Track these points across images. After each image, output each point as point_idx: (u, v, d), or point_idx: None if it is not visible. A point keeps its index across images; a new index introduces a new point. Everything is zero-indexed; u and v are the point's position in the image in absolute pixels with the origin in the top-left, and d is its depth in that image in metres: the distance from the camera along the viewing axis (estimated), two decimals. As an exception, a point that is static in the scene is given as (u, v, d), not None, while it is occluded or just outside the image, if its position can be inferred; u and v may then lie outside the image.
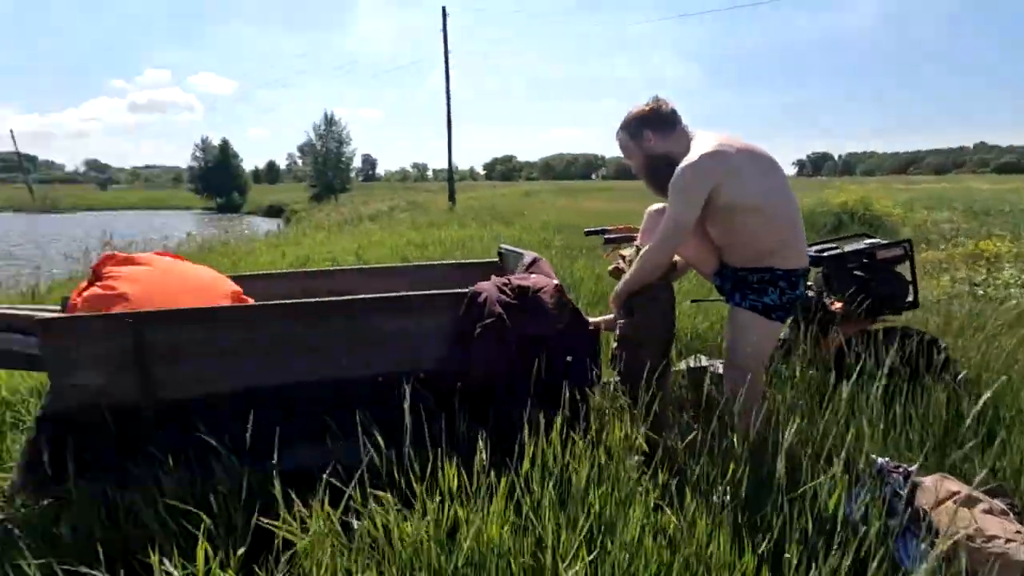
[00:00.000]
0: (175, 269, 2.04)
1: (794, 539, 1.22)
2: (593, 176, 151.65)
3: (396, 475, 1.31)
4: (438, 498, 1.29)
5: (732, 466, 1.37)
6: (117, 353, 1.58)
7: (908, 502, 1.51)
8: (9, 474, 1.81)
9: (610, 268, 2.44)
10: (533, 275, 1.96)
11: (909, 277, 2.60)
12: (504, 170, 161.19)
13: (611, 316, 2.20)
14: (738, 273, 2.02)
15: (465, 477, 1.33)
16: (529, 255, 2.28)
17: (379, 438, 1.36)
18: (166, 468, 1.49)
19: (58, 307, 1.97)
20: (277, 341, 1.70)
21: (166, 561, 1.15)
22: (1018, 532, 1.37)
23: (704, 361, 2.61)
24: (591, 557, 1.16)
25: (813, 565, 1.19)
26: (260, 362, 1.69)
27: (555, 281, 1.90)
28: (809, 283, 2.77)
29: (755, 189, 1.86)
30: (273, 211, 35.17)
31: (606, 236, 2.46)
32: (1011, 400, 2.19)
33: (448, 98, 22.13)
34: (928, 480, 1.55)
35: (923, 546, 1.42)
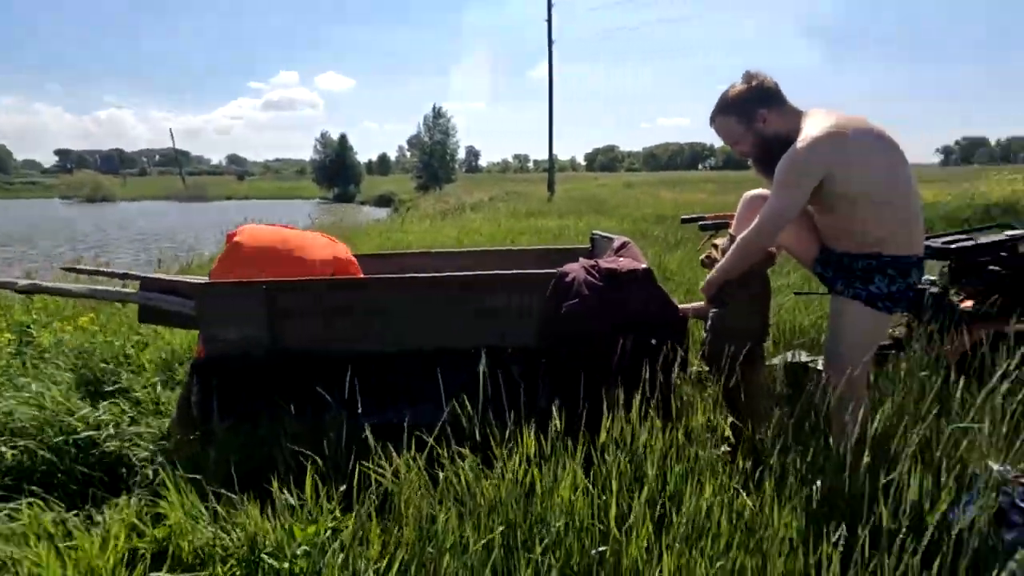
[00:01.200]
0: (286, 232, 2.35)
1: (882, 536, 1.17)
2: (700, 167, 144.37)
3: (477, 437, 1.42)
4: (518, 461, 1.39)
5: (811, 456, 1.33)
6: (253, 313, 1.85)
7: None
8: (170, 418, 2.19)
9: (702, 256, 2.39)
10: (622, 259, 1.99)
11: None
12: (605, 160, 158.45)
13: (702, 304, 2.17)
14: (842, 259, 1.89)
15: (544, 443, 1.41)
16: (619, 239, 2.30)
17: (467, 403, 1.48)
18: (289, 414, 1.73)
19: (205, 277, 2.33)
20: (382, 311, 1.90)
21: (284, 492, 1.35)
22: None
23: (803, 356, 2.48)
24: (653, 527, 1.19)
25: (900, 563, 1.14)
26: (369, 328, 1.90)
27: (644, 265, 1.91)
28: (934, 277, 2.53)
29: (873, 176, 1.72)
30: (383, 201, 37.38)
31: (701, 223, 2.41)
32: None
33: (551, 88, 22.19)
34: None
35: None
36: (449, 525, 1.17)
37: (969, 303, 2.40)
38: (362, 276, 2.18)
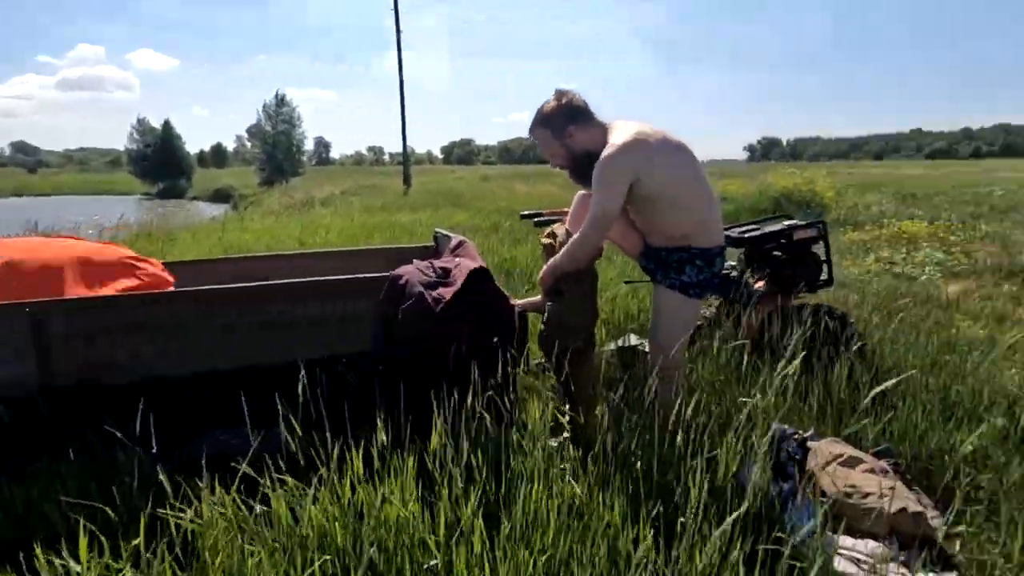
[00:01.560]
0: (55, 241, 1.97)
1: (690, 505, 1.29)
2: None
3: (302, 461, 1.31)
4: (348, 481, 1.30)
5: (636, 439, 1.43)
6: (15, 340, 1.51)
7: (800, 466, 1.62)
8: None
9: (544, 243, 2.48)
10: (458, 258, 1.98)
11: (824, 257, 2.76)
12: (462, 153, 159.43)
13: (538, 298, 2.24)
14: (659, 253, 2.09)
15: (377, 458, 1.34)
16: (456, 238, 2.28)
17: (295, 424, 1.35)
18: (67, 461, 1.45)
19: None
20: (189, 328, 1.67)
21: (55, 560, 1.12)
22: (891, 488, 1.49)
23: (633, 340, 2.69)
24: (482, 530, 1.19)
25: (705, 528, 1.26)
26: (170, 349, 1.65)
27: (478, 264, 1.91)
28: (734, 263, 2.90)
29: (672, 178, 1.92)
30: (221, 196, 33.82)
31: (536, 219, 2.50)
32: (902, 369, 2.34)
33: (401, 79, 21.71)
34: (818, 444, 1.66)
35: (809, 504, 1.53)
36: (261, 567, 1.06)
37: (761, 284, 2.78)
38: (155, 291, 1.88)
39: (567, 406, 2.01)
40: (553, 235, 2.36)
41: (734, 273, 2.80)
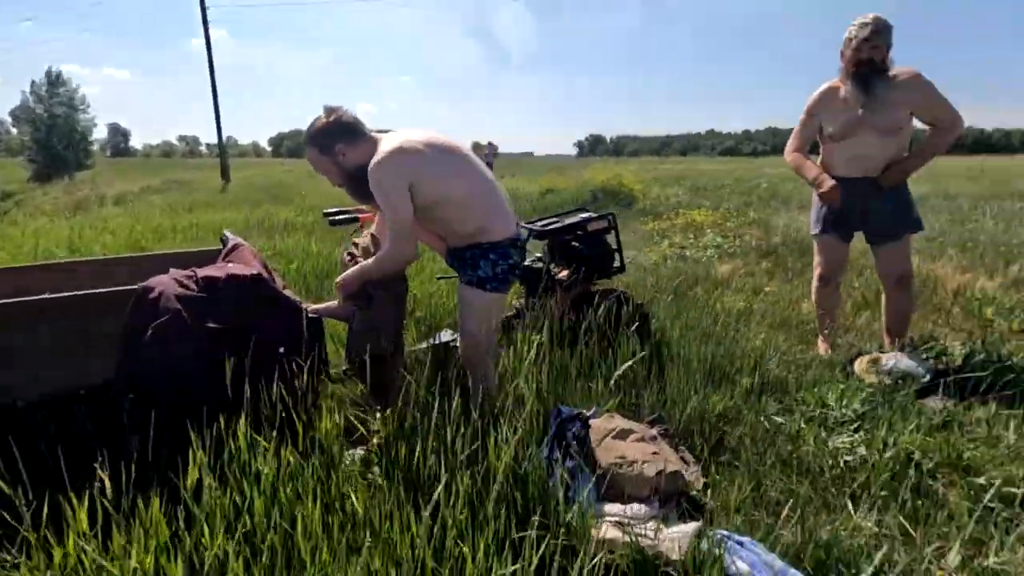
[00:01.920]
0: None
1: (459, 499, 1.31)
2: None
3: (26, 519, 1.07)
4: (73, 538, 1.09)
5: (427, 436, 1.40)
6: None
7: (582, 443, 1.75)
8: None
9: (343, 254, 2.37)
10: (231, 264, 1.78)
11: (615, 246, 3.03)
12: (292, 145, 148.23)
13: (334, 304, 2.13)
14: (456, 252, 2.12)
15: (112, 507, 1.14)
16: (233, 240, 2.07)
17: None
18: None
19: None
20: None
21: None
22: (655, 453, 1.67)
23: (446, 336, 2.70)
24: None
25: (484, 522, 1.29)
26: None
27: (252, 271, 1.74)
28: (540, 255, 3.06)
29: (446, 181, 1.94)
30: (-28, 193, 27.20)
31: (330, 219, 2.37)
32: (680, 342, 2.68)
33: (209, 57, 19.42)
34: (596, 421, 1.81)
35: (588, 478, 1.65)
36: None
37: (564, 274, 2.97)
38: None
39: (378, 413, 1.94)
40: (356, 246, 2.28)
41: (539, 264, 2.95)
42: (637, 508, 1.50)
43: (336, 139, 1.90)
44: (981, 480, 1.75)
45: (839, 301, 3.28)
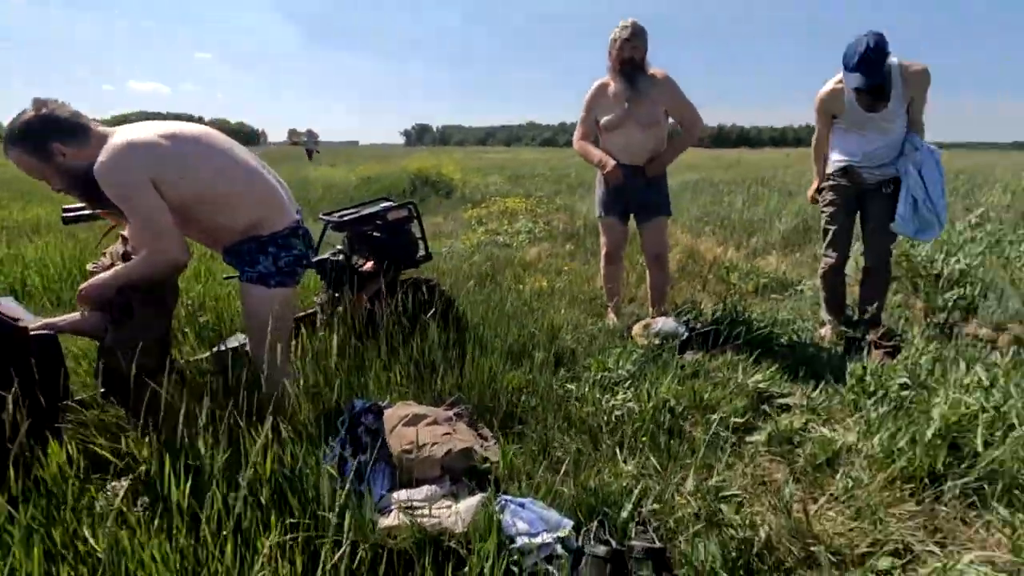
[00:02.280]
0: None
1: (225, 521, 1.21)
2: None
3: None
4: None
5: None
6: None
7: (377, 435, 1.74)
8: None
9: (90, 266, 2.01)
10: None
11: (420, 234, 3.04)
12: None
13: (77, 317, 1.81)
14: (232, 248, 1.94)
15: None
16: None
17: None
18: None
19: None
20: None
21: None
22: (446, 434, 1.73)
23: (234, 342, 2.47)
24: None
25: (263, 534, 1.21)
26: None
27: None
28: (340, 247, 2.94)
29: (202, 177, 1.76)
30: None
31: (64, 216, 2.00)
32: (482, 325, 2.80)
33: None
34: (390, 410, 1.81)
35: (383, 470, 1.65)
36: None
37: (369, 265, 2.89)
38: None
39: (144, 437, 1.69)
40: (105, 255, 1.96)
41: (339, 257, 2.84)
42: (428, 490, 1.54)
43: (50, 137, 1.59)
44: (715, 416, 2.12)
45: (622, 275, 3.71)
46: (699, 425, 2.15)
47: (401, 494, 1.50)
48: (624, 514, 1.64)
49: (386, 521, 1.37)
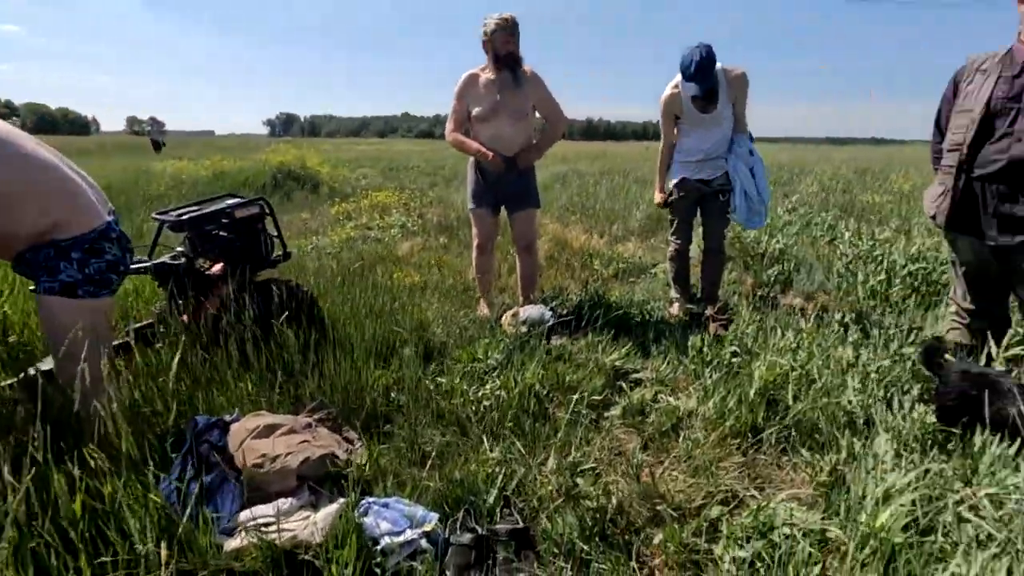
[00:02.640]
0: None
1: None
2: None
3: None
4: None
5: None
6: None
7: (224, 451, 1.61)
8: None
9: None
10: None
11: (276, 232, 2.84)
12: None
13: None
14: (26, 256, 1.66)
15: None
16: None
17: None
18: None
19: None
20: None
21: None
22: (303, 442, 1.64)
23: (48, 364, 2.14)
24: None
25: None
26: None
27: None
28: (182, 249, 2.66)
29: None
30: None
31: None
32: (349, 324, 2.71)
33: None
34: (237, 424, 1.68)
35: (232, 488, 1.53)
36: None
37: (217, 268, 2.65)
38: None
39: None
40: None
41: (181, 260, 2.57)
42: (281, 503, 1.45)
43: None
44: (576, 396, 2.25)
45: (494, 265, 3.78)
46: (562, 406, 2.27)
47: (255, 510, 1.40)
48: (491, 500, 1.69)
49: (233, 543, 1.27)
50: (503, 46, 3.01)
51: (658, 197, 3.46)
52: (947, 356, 2.11)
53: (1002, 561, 1.25)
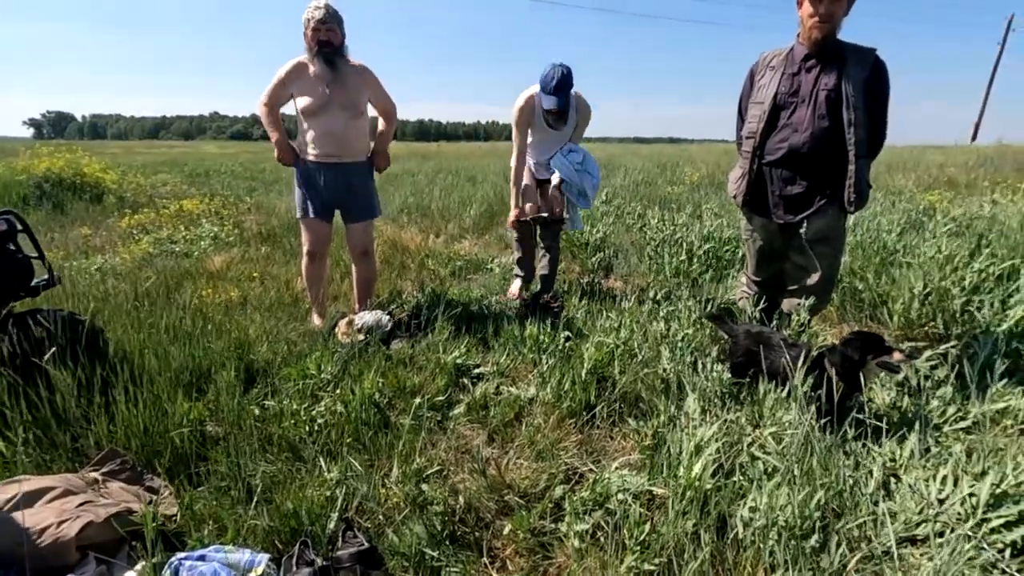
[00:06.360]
0: None
1: None
2: None
3: None
4: None
5: None
6: None
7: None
8: None
9: None
10: None
11: (35, 253, 2.32)
12: None
13: None
14: None
15: None
16: None
17: None
18: None
19: None
20: None
21: None
22: (82, 504, 1.35)
23: None
24: None
25: None
26: None
27: None
28: None
29: None
30: None
31: None
32: (145, 354, 2.31)
33: None
34: (-17, 499, 1.32)
35: None
36: None
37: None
38: None
39: None
40: None
41: None
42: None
43: None
44: (418, 399, 2.18)
45: (326, 274, 3.53)
46: (405, 412, 2.19)
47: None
48: (331, 525, 1.56)
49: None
50: (324, 35, 2.81)
51: (512, 215, 3.38)
52: (736, 319, 2.47)
53: (782, 489, 1.48)
